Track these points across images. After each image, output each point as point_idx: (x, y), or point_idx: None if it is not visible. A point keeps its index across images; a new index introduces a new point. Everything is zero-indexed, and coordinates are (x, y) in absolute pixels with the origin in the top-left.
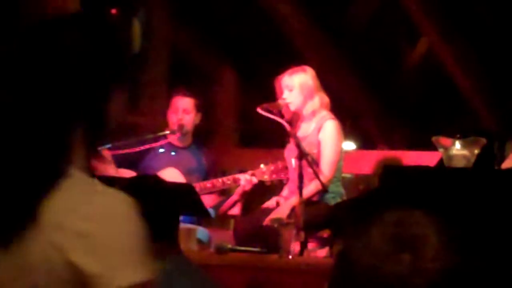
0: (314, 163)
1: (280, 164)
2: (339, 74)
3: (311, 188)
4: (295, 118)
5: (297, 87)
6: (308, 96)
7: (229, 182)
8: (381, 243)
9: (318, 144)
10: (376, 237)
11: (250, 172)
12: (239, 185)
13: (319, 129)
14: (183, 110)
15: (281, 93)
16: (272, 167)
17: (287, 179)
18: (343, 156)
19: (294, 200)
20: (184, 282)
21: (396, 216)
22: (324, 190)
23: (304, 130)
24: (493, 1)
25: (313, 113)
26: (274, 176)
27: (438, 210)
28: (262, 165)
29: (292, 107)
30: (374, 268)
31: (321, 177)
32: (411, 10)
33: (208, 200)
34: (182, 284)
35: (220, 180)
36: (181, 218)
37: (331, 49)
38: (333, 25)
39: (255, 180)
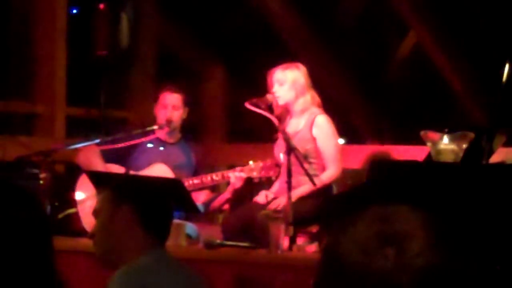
0: (303, 158)
1: (269, 162)
2: (328, 69)
3: (303, 189)
4: (284, 114)
5: (289, 82)
6: (299, 93)
7: (217, 178)
8: (367, 238)
9: (313, 140)
10: (362, 232)
11: (238, 168)
12: (228, 182)
13: (311, 125)
14: (173, 106)
15: (272, 86)
16: (261, 164)
17: (276, 177)
18: None
19: (302, 189)
20: (170, 276)
21: (382, 211)
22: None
23: (294, 126)
24: None
25: (303, 110)
26: (262, 173)
27: (425, 205)
28: (251, 162)
29: (281, 102)
30: (359, 263)
31: (330, 173)
32: (399, 5)
33: (200, 196)
34: (167, 278)
35: (208, 176)
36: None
37: (319, 44)
38: (322, 21)
39: (244, 175)
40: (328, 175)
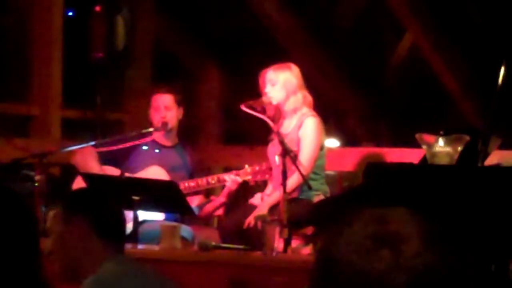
0: (297, 160)
1: (264, 165)
2: (324, 71)
3: (293, 179)
4: (277, 115)
5: (280, 82)
6: (290, 92)
7: (213, 182)
8: (362, 239)
9: (298, 142)
10: (357, 233)
11: (234, 172)
12: (223, 185)
13: (299, 126)
14: (165, 107)
15: (264, 87)
16: (256, 168)
17: (270, 178)
18: (325, 153)
19: (274, 197)
20: (138, 280)
21: (378, 213)
22: (305, 183)
23: (286, 127)
24: None
25: (295, 110)
26: (258, 177)
27: (421, 207)
28: (246, 166)
29: (274, 102)
30: (355, 264)
31: (295, 175)
32: (396, 6)
33: (194, 200)
34: (135, 281)
35: (204, 179)
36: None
37: (316, 46)
38: (318, 23)
39: (239, 179)
40: (298, 175)
